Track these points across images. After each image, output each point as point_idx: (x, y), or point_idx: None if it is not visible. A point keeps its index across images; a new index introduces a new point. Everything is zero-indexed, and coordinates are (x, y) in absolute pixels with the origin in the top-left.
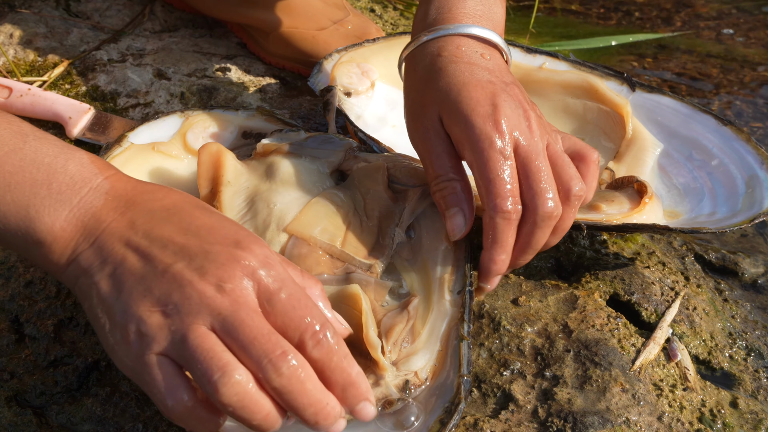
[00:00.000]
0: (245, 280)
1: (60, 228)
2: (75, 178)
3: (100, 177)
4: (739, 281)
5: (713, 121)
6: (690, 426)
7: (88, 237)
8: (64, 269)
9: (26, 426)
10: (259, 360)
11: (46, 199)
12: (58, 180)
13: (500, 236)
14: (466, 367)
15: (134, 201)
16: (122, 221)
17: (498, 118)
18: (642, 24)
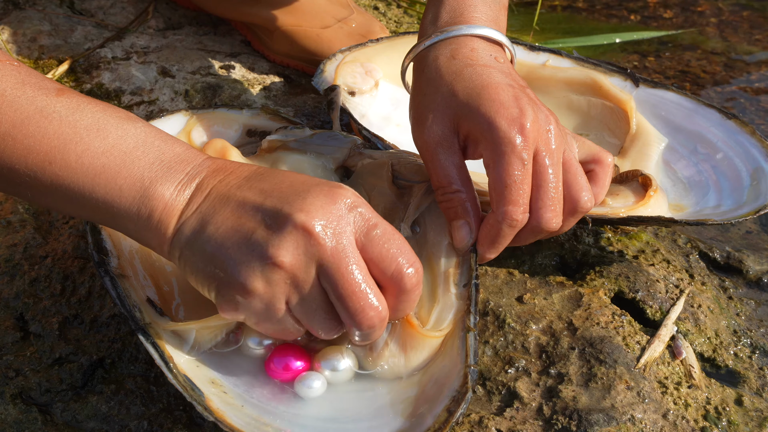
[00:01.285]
0: (345, 218)
1: (170, 197)
2: (182, 156)
3: (202, 157)
4: (744, 279)
5: (717, 115)
6: (695, 423)
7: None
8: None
9: (31, 423)
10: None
11: (159, 171)
12: (168, 157)
13: (501, 241)
14: (473, 357)
15: (231, 171)
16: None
17: (524, 123)
18: (646, 21)
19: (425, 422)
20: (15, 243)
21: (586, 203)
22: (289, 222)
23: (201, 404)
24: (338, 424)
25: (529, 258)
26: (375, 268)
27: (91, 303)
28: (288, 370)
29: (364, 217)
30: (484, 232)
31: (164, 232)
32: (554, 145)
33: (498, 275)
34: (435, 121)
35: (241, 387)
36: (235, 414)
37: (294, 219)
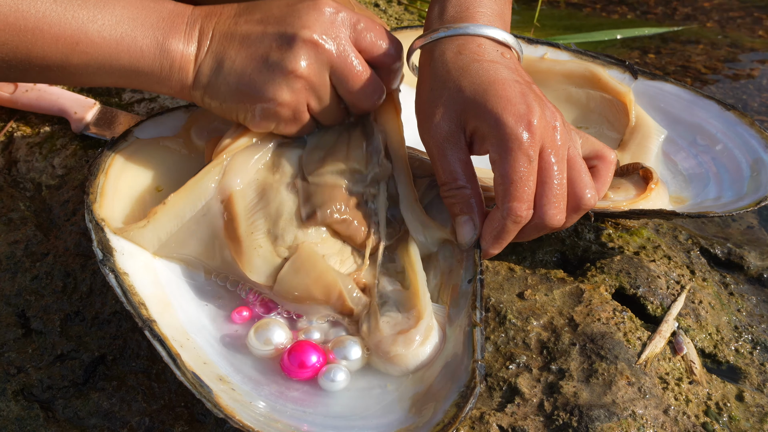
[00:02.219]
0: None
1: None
2: (176, 11)
3: (190, 7)
4: (745, 275)
5: (716, 107)
6: (696, 419)
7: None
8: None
9: (33, 420)
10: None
11: (166, 29)
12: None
13: (505, 236)
14: (480, 352)
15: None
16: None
17: (531, 120)
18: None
19: (435, 418)
20: (16, 240)
21: (590, 200)
22: (298, 39)
23: (210, 401)
24: (347, 422)
25: (530, 254)
26: (367, 54)
27: (93, 300)
28: (304, 367)
29: (349, 17)
30: (488, 228)
31: (185, 77)
32: (560, 142)
33: (499, 271)
34: (442, 116)
35: (249, 384)
36: (245, 411)
37: (301, 36)
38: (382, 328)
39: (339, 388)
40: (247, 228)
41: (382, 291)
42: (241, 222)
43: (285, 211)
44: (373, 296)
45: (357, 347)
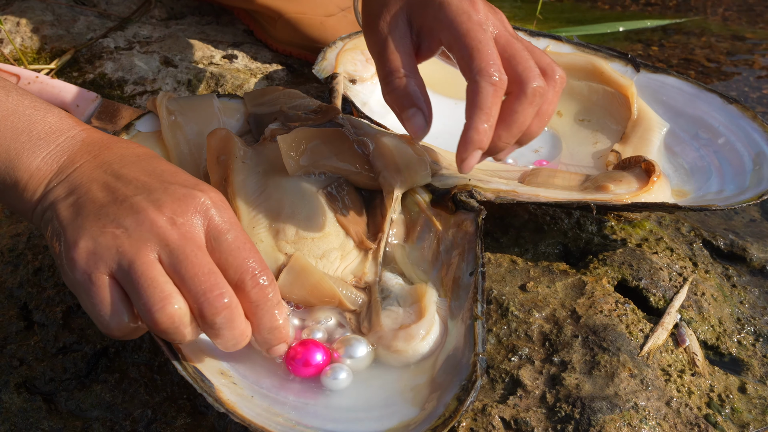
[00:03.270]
0: (197, 216)
1: (36, 167)
2: (54, 127)
3: (77, 128)
4: (747, 267)
5: (719, 100)
6: (698, 411)
7: (60, 175)
8: (35, 206)
9: (35, 412)
10: (197, 296)
11: (27, 143)
12: (38, 128)
13: (484, 101)
14: (481, 345)
15: (108, 147)
16: (94, 162)
17: (476, 3)
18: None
19: (436, 411)
20: (18, 233)
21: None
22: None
23: (212, 395)
24: (349, 413)
25: (533, 246)
26: (225, 272)
27: None
28: (309, 366)
29: (217, 221)
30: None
31: (29, 198)
32: (510, 28)
33: (501, 263)
34: (388, 12)
35: (251, 378)
36: (246, 405)
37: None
38: (383, 322)
39: (342, 386)
40: (249, 222)
41: (384, 285)
42: (243, 216)
43: (286, 204)
44: (374, 292)
45: (363, 346)
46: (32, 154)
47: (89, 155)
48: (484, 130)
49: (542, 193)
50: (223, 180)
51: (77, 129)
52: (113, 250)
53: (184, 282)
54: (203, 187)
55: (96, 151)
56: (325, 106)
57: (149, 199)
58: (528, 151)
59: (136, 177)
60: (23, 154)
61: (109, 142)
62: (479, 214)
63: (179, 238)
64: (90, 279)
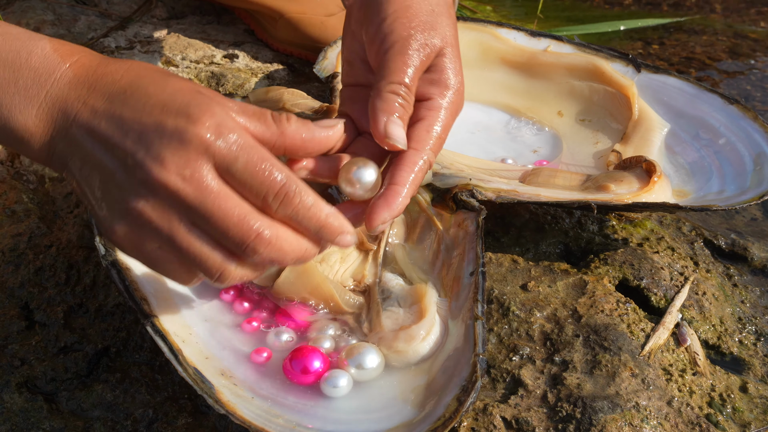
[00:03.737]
0: (202, 159)
1: (33, 125)
2: (39, 71)
3: (63, 66)
4: (749, 266)
5: (719, 100)
6: (699, 410)
7: (60, 131)
8: (50, 161)
9: (37, 412)
10: (240, 245)
11: (15, 96)
12: (24, 76)
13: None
14: (482, 345)
15: (94, 87)
16: (85, 111)
17: None
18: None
19: (436, 411)
20: (20, 232)
21: None
22: (145, 172)
23: (212, 397)
24: (349, 414)
25: (534, 246)
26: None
27: (96, 292)
28: (307, 373)
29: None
30: None
31: (39, 155)
32: None
33: (502, 263)
34: (423, 33)
35: (251, 378)
36: (246, 406)
37: (148, 170)
38: (384, 323)
39: (341, 394)
40: None
41: (385, 286)
42: None
43: None
44: (374, 293)
45: (374, 354)
46: (25, 110)
47: (78, 102)
48: None
49: (543, 193)
50: None
51: (63, 67)
52: (147, 229)
53: (220, 238)
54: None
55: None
56: (325, 106)
57: (150, 155)
58: (528, 151)
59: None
60: (16, 111)
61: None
62: (480, 213)
63: (195, 195)
64: (143, 256)
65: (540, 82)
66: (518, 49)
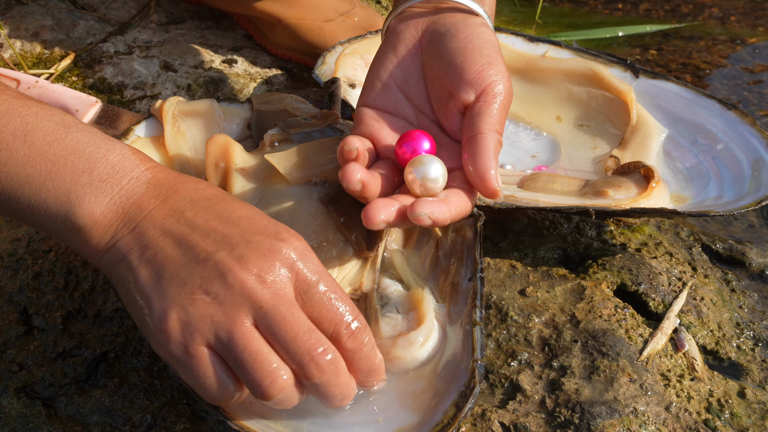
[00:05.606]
0: (284, 271)
1: (100, 214)
2: (116, 167)
3: (141, 167)
4: (747, 271)
5: (717, 106)
6: (698, 416)
7: (128, 223)
8: (102, 255)
9: (35, 417)
10: (301, 358)
11: (88, 186)
12: (99, 169)
13: None
14: (480, 351)
15: (176, 190)
16: (163, 209)
17: None
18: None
19: (434, 417)
20: (18, 237)
21: None
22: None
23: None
24: (347, 419)
25: (532, 251)
26: (319, 326)
27: (95, 297)
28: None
29: (305, 273)
30: None
31: (95, 246)
32: None
33: (500, 268)
34: None
35: None
36: (244, 411)
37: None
38: (382, 329)
39: None
40: None
41: (383, 292)
42: None
43: (285, 212)
44: (372, 299)
45: None
46: (95, 199)
47: (157, 200)
48: None
49: (541, 198)
50: (221, 187)
51: (141, 168)
52: (208, 321)
53: (283, 345)
54: (285, 236)
55: (164, 195)
56: (324, 112)
57: (233, 255)
58: (527, 156)
59: (213, 227)
60: (85, 199)
61: (176, 182)
62: (478, 219)
63: (272, 298)
64: (188, 352)
65: (538, 87)
66: (516, 55)
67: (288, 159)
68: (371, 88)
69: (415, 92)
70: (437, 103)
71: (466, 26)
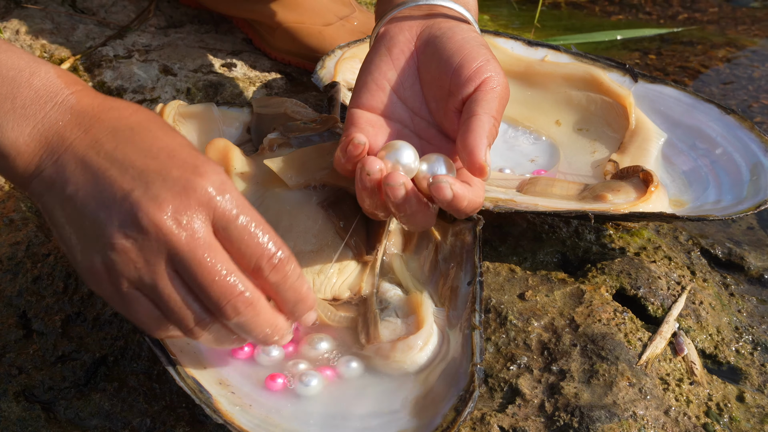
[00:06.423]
0: (201, 210)
1: (24, 143)
2: (40, 92)
3: (66, 91)
4: (745, 275)
5: (716, 110)
6: (697, 420)
7: (51, 154)
8: (28, 183)
9: (34, 421)
10: (217, 302)
11: (10, 113)
12: (23, 95)
13: None
14: (479, 355)
15: (99, 118)
16: (85, 139)
17: None
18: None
19: (434, 421)
20: (17, 241)
21: None
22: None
23: (210, 407)
24: (346, 421)
25: (531, 255)
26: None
27: (94, 301)
28: None
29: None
30: None
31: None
32: None
33: (500, 272)
34: None
35: (249, 385)
36: (244, 415)
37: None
38: (381, 334)
39: (312, 393)
40: None
41: (383, 296)
42: None
43: (284, 217)
44: (371, 303)
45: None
46: (17, 127)
47: (79, 129)
48: None
49: (540, 202)
50: None
51: (66, 92)
52: (131, 267)
53: (201, 291)
54: (203, 169)
55: (87, 123)
56: (324, 116)
57: (148, 195)
58: (526, 160)
59: (132, 162)
60: (7, 126)
61: (100, 109)
62: (477, 223)
63: (187, 243)
64: (119, 293)
65: (537, 91)
66: (515, 59)
67: (287, 163)
68: (365, 90)
69: (410, 94)
70: (436, 103)
71: (461, 30)
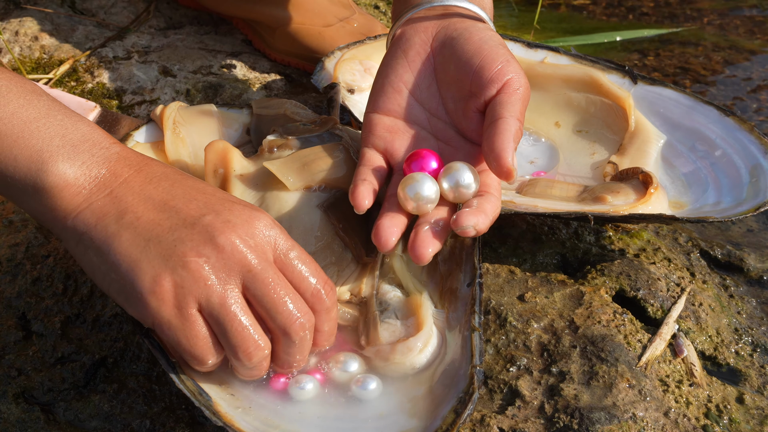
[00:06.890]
0: (266, 237)
1: (73, 176)
2: (87, 136)
3: (109, 140)
4: (745, 277)
5: (716, 112)
6: (696, 421)
7: (103, 188)
8: (69, 219)
9: (34, 423)
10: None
11: (61, 148)
12: (72, 134)
13: None
14: (479, 357)
15: (146, 163)
16: (139, 177)
17: None
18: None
19: (433, 423)
20: (17, 242)
21: None
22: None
23: (209, 409)
24: (346, 423)
25: (531, 256)
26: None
27: (93, 302)
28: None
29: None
30: None
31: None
32: None
33: (499, 274)
34: None
35: (249, 387)
36: (244, 418)
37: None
38: (381, 336)
39: (307, 397)
40: None
41: (383, 298)
42: None
43: (284, 218)
44: (371, 305)
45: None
46: (68, 161)
47: (131, 169)
48: None
49: (540, 204)
50: None
51: (110, 141)
52: (201, 284)
53: (268, 312)
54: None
55: (136, 165)
56: (323, 118)
57: (219, 219)
58: (525, 162)
59: (193, 195)
60: (58, 159)
61: (143, 158)
62: None
63: (259, 262)
64: (182, 315)
65: (537, 93)
66: None
67: (286, 166)
68: (381, 93)
69: (427, 96)
70: (455, 104)
71: (478, 30)
